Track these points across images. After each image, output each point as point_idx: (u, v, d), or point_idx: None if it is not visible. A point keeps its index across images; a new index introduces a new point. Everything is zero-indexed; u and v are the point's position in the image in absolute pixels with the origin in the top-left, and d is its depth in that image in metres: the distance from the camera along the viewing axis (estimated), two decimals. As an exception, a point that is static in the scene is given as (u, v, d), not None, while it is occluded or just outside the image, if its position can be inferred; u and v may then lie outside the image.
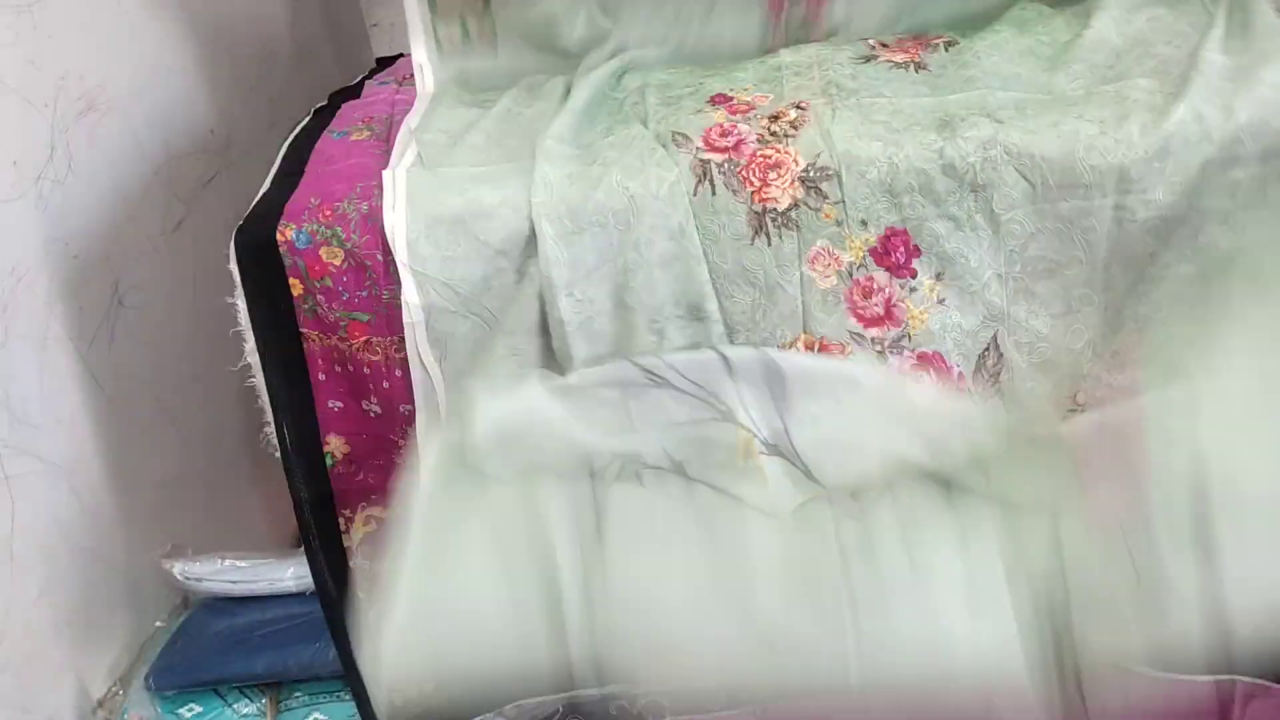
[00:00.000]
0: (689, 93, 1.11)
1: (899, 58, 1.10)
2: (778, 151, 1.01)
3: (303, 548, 1.35)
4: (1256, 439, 0.92)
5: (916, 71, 1.07)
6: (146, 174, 1.35)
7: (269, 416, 1.09)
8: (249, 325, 1.06)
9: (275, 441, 1.09)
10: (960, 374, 1.03)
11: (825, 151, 1.00)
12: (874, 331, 1.03)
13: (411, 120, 1.15)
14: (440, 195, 1.04)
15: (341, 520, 1.11)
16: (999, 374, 1.03)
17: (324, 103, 1.36)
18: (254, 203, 1.10)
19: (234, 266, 1.05)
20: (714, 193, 1.01)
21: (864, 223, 1.00)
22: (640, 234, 1.01)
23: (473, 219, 1.03)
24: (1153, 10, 1.07)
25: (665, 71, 1.18)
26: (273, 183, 1.13)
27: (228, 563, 1.29)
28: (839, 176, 0.99)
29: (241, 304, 1.06)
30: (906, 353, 1.03)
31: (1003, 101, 1.01)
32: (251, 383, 1.11)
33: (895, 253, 1.01)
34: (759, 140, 1.02)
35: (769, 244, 1.01)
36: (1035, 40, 1.09)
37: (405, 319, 1.05)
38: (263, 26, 1.73)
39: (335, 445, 1.11)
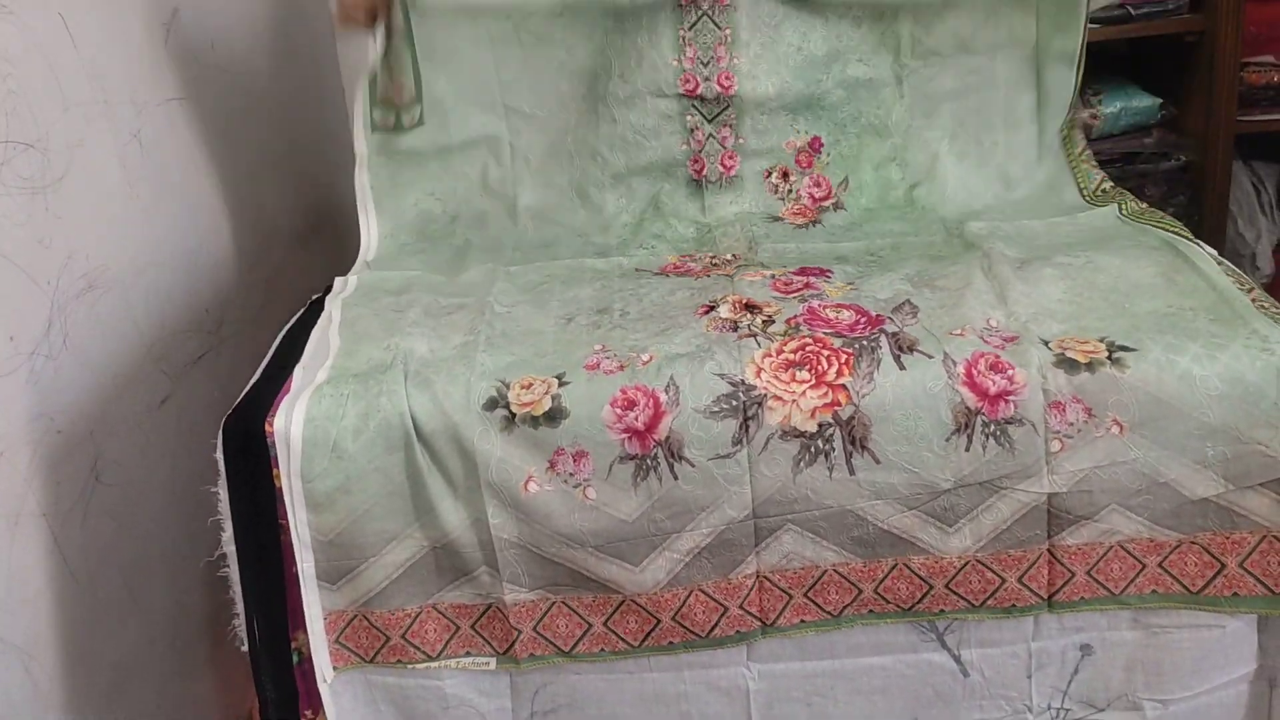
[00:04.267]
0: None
1: (799, 220, 1.47)
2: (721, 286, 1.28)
3: (255, 740, 1.31)
4: None
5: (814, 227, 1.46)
6: (139, 351, 1.37)
7: (239, 608, 1.08)
8: (229, 516, 1.06)
9: (243, 635, 1.07)
10: (879, 314, 1.15)
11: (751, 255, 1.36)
12: (793, 295, 1.21)
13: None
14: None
15: (303, 721, 1.08)
16: (916, 315, 1.15)
17: (320, 294, 1.39)
18: (244, 393, 1.11)
19: (220, 455, 1.06)
20: None
21: (784, 265, 1.30)
22: None
23: None
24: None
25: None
26: (264, 373, 1.15)
27: (177, 755, 1.24)
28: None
29: (224, 494, 1.06)
30: (827, 302, 1.18)
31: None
32: (223, 572, 1.10)
33: (809, 273, 1.26)
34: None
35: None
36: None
37: None
38: (265, 208, 1.78)
39: (303, 641, 1.09)
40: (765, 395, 1.05)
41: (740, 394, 1.05)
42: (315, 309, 1.29)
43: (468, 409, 1.06)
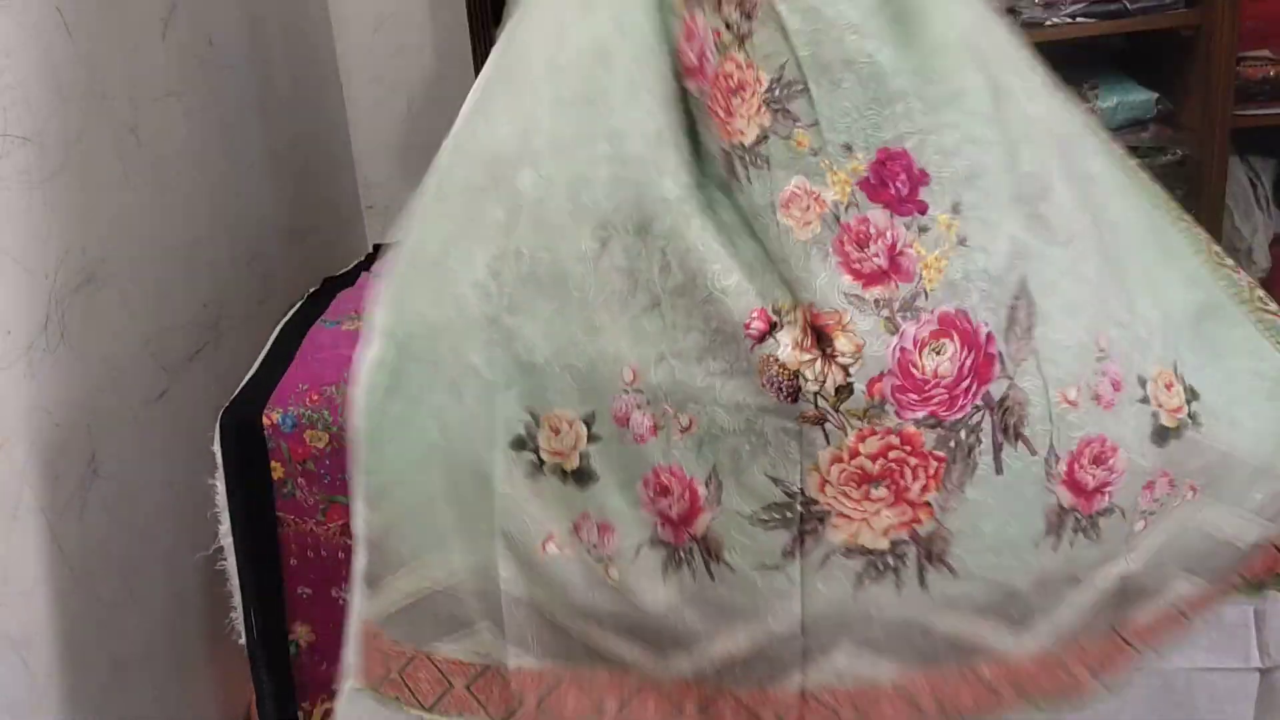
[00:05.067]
0: None
1: None
2: (738, 67, 0.84)
3: (253, 734, 1.31)
4: None
5: None
6: (136, 345, 1.36)
7: (236, 601, 1.08)
8: (226, 508, 1.06)
9: (240, 628, 1.07)
10: (989, 334, 0.82)
11: (790, 59, 0.82)
12: (876, 291, 0.81)
13: None
14: None
15: (301, 713, 1.08)
16: (1032, 329, 0.84)
17: (317, 287, 1.39)
18: (242, 385, 1.12)
19: (217, 448, 1.06)
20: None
21: (848, 147, 0.82)
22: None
23: None
24: None
25: None
26: (261, 366, 1.15)
27: (175, 749, 1.24)
28: (808, 90, 0.82)
29: (221, 486, 1.06)
30: (924, 315, 0.81)
31: None
32: (220, 564, 1.10)
33: (895, 181, 0.81)
34: (716, 44, 0.85)
35: (740, 189, 0.84)
36: None
37: None
38: (261, 205, 1.78)
39: (301, 633, 1.10)
40: (829, 513, 0.84)
41: (798, 506, 0.84)
42: (311, 303, 1.30)
43: (492, 441, 0.89)
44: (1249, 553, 0.96)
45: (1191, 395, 0.91)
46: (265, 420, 1.06)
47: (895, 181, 0.81)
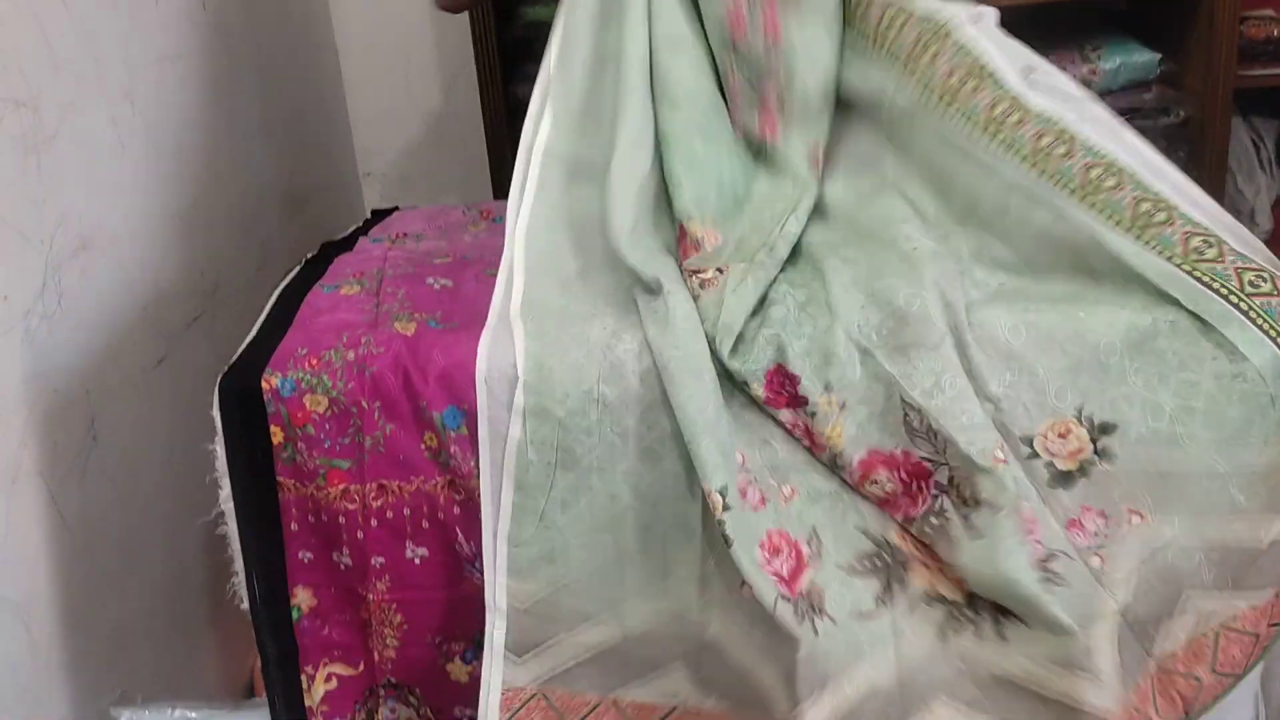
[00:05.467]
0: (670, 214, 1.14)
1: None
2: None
3: (255, 698, 1.33)
4: None
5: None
6: (133, 311, 1.36)
7: (237, 566, 1.08)
8: (226, 473, 1.06)
9: (242, 592, 1.07)
10: (903, 451, 0.97)
11: (711, 322, 1.01)
12: (822, 457, 1.00)
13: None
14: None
15: (304, 677, 1.09)
16: (937, 429, 0.96)
17: (315, 252, 1.39)
18: (240, 350, 1.11)
19: (216, 413, 1.06)
20: None
21: (745, 382, 1.01)
22: None
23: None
24: None
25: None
26: (260, 331, 1.15)
27: (178, 712, 1.25)
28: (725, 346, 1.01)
29: (221, 451, 1.06)
30: (855, 462, 0.98)
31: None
32: (220, 530, 1.10)
33: (783, 391, 1.00)
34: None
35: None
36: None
37: None
38: (258, 171, 1.78)
39: (302, 598, 1.10)
40: (910, 559, 0.98)
41: (885, 555, 0.98)
42: (310, 268, 1.29)
43: (695, 495, 0.99)
44: (1276, 551, 0.95)
45: (1102, 431, 0.97)
46: (264, 385, 1.05)
47: (783, 391, 1.00)
